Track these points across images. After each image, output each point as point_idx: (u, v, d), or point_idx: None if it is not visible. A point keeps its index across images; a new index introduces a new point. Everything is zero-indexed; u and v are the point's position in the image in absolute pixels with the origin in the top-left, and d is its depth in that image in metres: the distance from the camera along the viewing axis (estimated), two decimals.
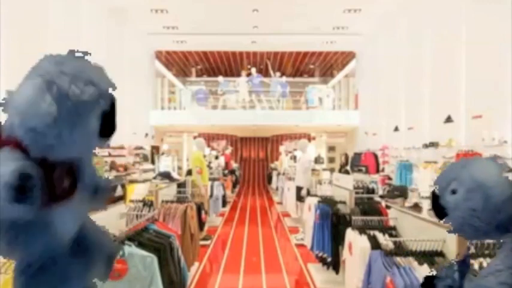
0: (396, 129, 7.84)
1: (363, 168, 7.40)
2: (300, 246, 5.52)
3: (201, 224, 4.59)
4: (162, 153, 10.86)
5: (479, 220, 0.53)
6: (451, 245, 2.07)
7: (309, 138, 14.30)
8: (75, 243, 0.71)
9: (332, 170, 8.42)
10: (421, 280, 1.94)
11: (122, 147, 7.93)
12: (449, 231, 0.61)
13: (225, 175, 10.63)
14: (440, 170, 5.54)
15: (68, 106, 0.51)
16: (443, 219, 0.60)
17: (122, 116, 9.20)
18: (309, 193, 5.66)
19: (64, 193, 0.59)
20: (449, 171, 0.61)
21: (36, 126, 0.50)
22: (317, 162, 10.86)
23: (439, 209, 0.61)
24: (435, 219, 2.54)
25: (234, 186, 12.61)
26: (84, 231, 0.75)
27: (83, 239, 0.75)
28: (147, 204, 3.22)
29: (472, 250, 2.37)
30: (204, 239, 5.69)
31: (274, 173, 12.99)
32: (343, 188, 4.02)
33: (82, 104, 0.52)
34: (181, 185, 5.18)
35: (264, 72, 13.47)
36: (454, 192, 0.57)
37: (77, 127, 0.52)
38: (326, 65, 13.87)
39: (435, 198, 0.61)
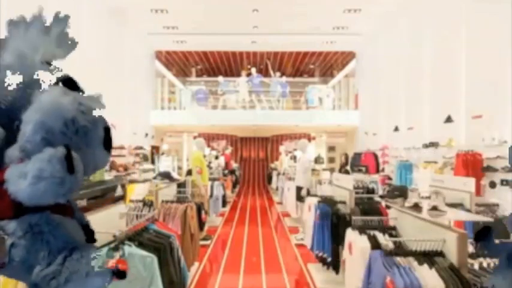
0: (396, 129, 7.84)
1: (363, 168, 7.42)
2: (300, 246, 5.52)
3: (201, 224, 4.59)
4: (162, 153, 10.87)
5: None
6: (451, 245, 2.07)
7: (309, 138, 14.29)
8: None
9: (332, 170, 8.43)
10: (421, 280, 1.94)
11: (121, 147, 7.94)
12: None
13: (225, 175, 10.63)
14: (440, 170, 5.55)
15: (83, 110, 0.55)
16: None
17: (122, 116, 9.10)
18: (309, 193, 5.66)
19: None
20: None
21: (54, 126, 0.53)
22: (317, 162, 10.86)
23: None
24: (435, 219, 2.54)
25: (234, 186, 12.61)
26: None
27: None
28: (147, 204, 3.23)
29: (472, 250, 2.37)
30: (204, 239, 5.69)
31: (274, 173, 12.99)
32: (343, 188, 4.02)
33: (92, 114, 0.57)
34: (181, 185, 5.18)
35: (264, 72, 13.46)
36: None
37: (90, 130, 0.56)
38: (326, 65, 13.86)
39: None
